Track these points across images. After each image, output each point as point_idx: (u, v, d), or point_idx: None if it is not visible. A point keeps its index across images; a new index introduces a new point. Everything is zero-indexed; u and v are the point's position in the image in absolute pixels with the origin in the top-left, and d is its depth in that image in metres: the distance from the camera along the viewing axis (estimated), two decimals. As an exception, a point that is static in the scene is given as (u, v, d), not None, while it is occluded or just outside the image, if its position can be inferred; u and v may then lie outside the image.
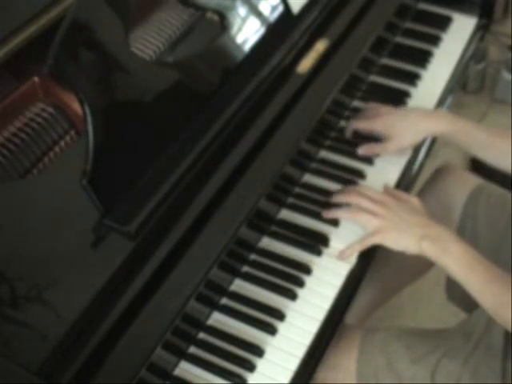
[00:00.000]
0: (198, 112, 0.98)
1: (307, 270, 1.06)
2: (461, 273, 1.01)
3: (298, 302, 1.03)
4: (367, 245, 1.07)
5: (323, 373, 1.07)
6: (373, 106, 1.26)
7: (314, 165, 1.21)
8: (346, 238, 1.10)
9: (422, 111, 1.24)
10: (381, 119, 1.21)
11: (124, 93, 0.91)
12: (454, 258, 1.01)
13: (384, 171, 1.22)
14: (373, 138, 1.23)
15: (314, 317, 1.01)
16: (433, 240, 1.02)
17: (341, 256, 1.08)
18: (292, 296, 1.03)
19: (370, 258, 1.11)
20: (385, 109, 1.24)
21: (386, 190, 1.14)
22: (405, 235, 1.04)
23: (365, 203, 1.08)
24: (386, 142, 1.21)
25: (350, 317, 1.36)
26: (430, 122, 1.20)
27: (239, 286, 1.04)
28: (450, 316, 1.50)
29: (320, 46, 1.17)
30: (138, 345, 0.84)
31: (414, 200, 1.10)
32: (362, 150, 1.22)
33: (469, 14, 1.52)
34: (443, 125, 1.19)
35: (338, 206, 1.12)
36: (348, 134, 1.25)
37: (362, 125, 1.23)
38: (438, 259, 1.02)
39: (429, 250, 1.02)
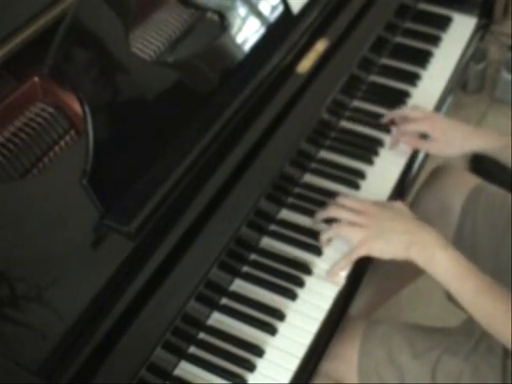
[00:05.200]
0: (198, 112, 0.98)
1: (307, 270, 1.06)
2: (449, 282, 0.99)
3: (298, 301, 1.03)
4: (354, 258, 1.04)
5: (325, 363, 1.07)
6: (419, 109, 1.26)
7: (313, 165, 1.21)
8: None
9: (470, 128, 1.22)
10: (433, 122, 1.21)
11: (124, 93, 0.91)
12: (442, 267, 0.98)
13: (384, 171, 1.22)
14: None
15: (314, 317, 1.01)
16: (420, 247, 0.99)
17: (329, 277, 1.05)
18: (292, 296, 1.03)
19: (370, 258, 1.11)
20: (435, 114, 1.24)
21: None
22: (390, 243, 1.01)
23: (345, 215, 1.05)
24: (433, 142, 1.21)
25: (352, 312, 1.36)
26: (477, 140, 1.19)
27: (239, 286, 1.04)
28: (450, 316, 1.50)
29: (320, 46, 1.17)
30: (138, 345, 0.84)
31: (397, 204, 1.07)
32: (406, 139, 1.23)
33: (469, 14, 1.52)
34: (489, 142, 1.18)
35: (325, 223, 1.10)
36: (394, 142, 1.25)
37: (412, 127, 1.23)
38: (426, 267, 1.00)
39: (416, 257, 1.00)
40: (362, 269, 1.09)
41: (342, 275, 1.05)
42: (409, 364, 1.08)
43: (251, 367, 0.96)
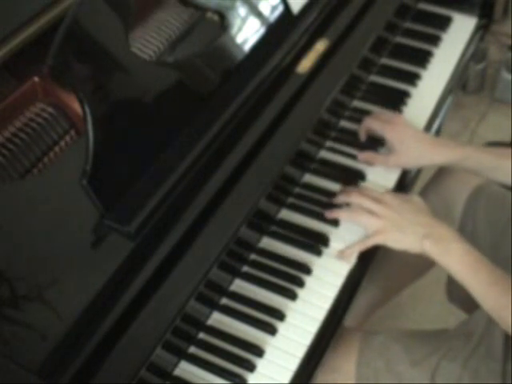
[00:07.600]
0: (198, 112, 0.98)
1: (307, 270, 1.06)
2: (463, 274, 1.00)
3: (298, 302, 1.03)
4: (368, 245, 1.06)
5: (323, 376, 1.07)
6: (387, 112, 1.25)
7: (314, 165, 1.21)
8: (346, 238, 1.10)
9: (430, 140, 1.19)
10: (393, 128, 1.19)
11: (124, 93, 0.91)
12: (456, 259, 1.00)
13: (384, 171, 1.21)
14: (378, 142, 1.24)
15: (314, 317, 1.01)
16: (435, 240, 1.01)
17: (340, 255, 1.07)
18: (292, 296, 1.03)
19: (370, 258, 1.11)
20: (399, 119, 1.22)
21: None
22: (406, 235, 1.03)
23: (366, 203, 1.07)
24: (389, 154, 1.20)
25: (351, 318, 1.36)
26: (435, 153, 1.17)
27: (239, 286, 1.04)
28: (450, 316, 1.51)
29: (320, 46, 1.17)
30: (138, 345, 0.84)
31: (416, 199, 1.09)
32: (362, 156, 1.22)
33: (469, 14, 1.52)
34: (448, 156, 1.16)
35: (339, 206, 1.12)
36: (361, 134, 1.24)
37: (375, 124, 1.21)
38: (440, 259, 1.01)
39: (431, 249, 1.01)
40: (363, 268, 1.09)
41: (354, 256, 1.08)
42: (408, 372, 1.08)
43: (251, 367, 0.96)
